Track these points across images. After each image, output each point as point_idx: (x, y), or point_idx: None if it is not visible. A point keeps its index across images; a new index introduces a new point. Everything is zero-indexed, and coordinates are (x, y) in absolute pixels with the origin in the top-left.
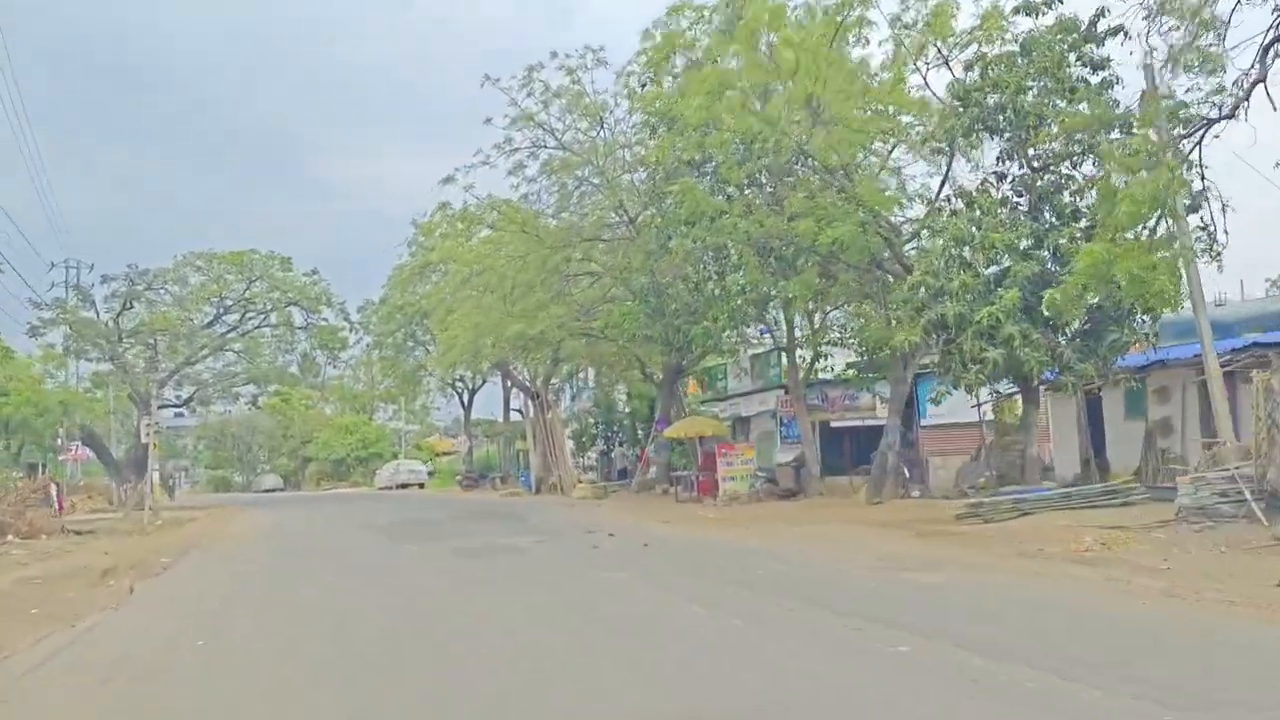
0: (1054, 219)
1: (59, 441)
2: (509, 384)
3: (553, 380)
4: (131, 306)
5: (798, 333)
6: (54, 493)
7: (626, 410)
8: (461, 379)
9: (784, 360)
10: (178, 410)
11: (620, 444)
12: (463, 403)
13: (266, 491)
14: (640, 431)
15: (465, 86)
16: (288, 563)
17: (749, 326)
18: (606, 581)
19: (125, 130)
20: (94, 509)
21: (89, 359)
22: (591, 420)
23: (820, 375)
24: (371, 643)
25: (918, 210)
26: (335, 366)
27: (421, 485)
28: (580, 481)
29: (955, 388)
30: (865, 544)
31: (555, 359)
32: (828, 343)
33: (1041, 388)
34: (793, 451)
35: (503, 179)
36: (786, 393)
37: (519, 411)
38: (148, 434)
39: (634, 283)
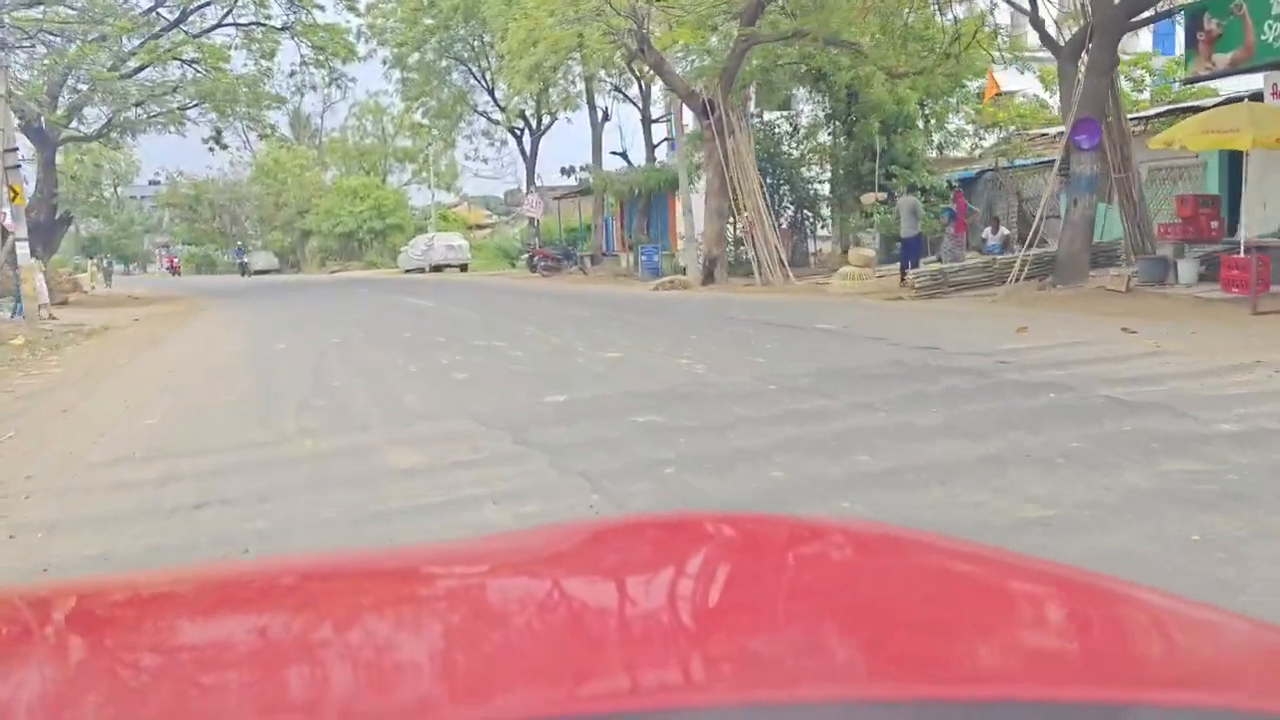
0: None
1: None
2: (600, 107)
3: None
4: None
5: None
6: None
7: (792, 148)
8: (522, 115)
9: None
10: (90, 139)
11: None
12: (523, 150)
13: (258, 273)
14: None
15: None
16: None
17: None
18: None
19: None
20: None
21: None
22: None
23: None
24: None
25: None
26: (340, 92)
27: (464, 267)
28: (851, 264)
29: None
30: None
31: (747, 39)
32: None
33: None
34: None
35: None
36: None
37: (621, 155)
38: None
39: None
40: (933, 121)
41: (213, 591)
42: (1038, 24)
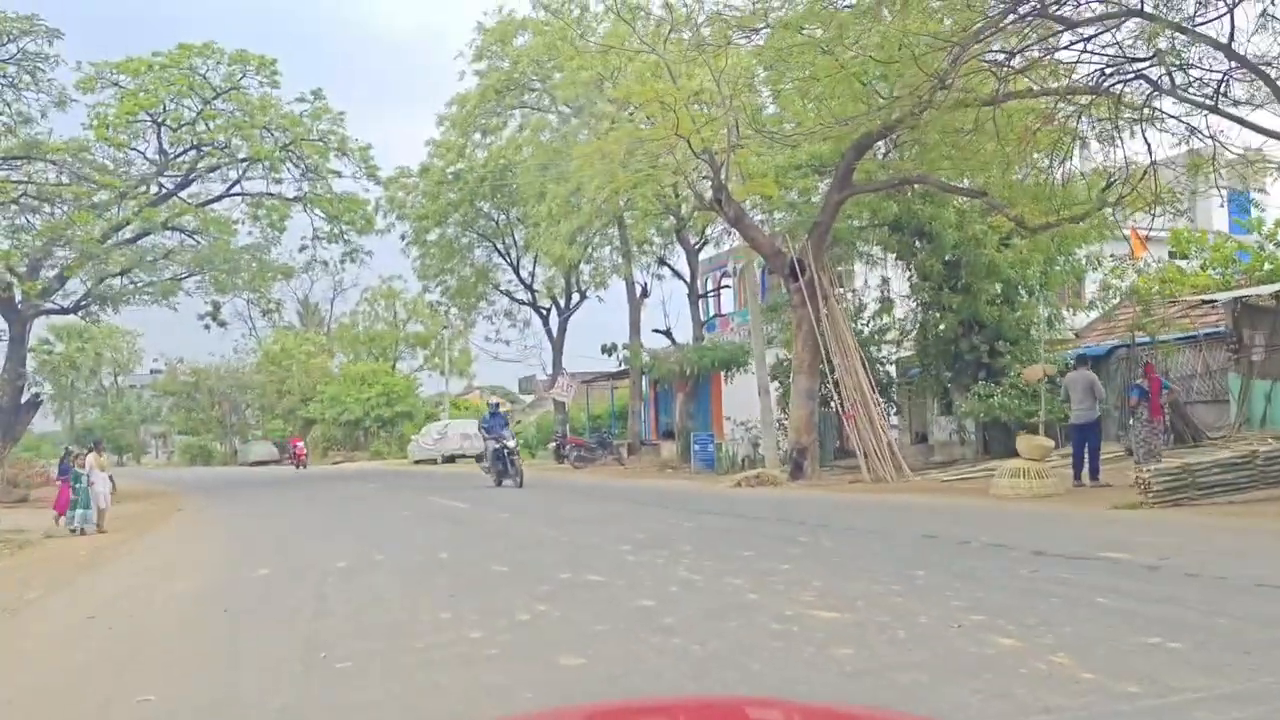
0: None
1: None
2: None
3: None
4: None
5: None
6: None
7: (861, 326)
8: (549, 293)
9: None
10: (65, 312)
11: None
12: (549, 330)
13: (255, 464)
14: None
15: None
16: None
17: None
18: None
19: None
20: None
21: None
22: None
23: None
24: None
25: None
26: (355, 268)
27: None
28: (1023, 455)
29: None
30: None
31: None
32: None
33: None
34: None
35: None
36: None
37: (664, 334)
38: None
39: None
40: (1038, 292)
41: None
42: None
